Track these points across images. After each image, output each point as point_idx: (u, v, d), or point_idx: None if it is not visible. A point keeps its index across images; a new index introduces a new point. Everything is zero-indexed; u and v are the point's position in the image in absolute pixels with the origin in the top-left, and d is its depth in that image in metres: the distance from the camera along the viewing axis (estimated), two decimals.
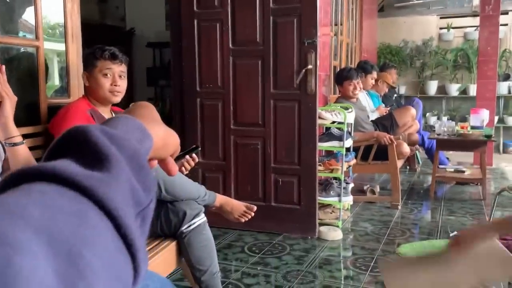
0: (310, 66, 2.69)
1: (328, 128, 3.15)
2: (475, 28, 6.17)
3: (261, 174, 2.90)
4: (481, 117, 4.05)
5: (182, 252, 1.77)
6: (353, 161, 3.39)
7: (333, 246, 2.69)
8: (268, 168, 2.88)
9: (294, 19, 2.70)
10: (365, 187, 3.78)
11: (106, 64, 1.79)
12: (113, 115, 1.84)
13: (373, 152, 3.56)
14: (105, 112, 1.85)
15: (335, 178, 3.09)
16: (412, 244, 2.75)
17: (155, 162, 0.51)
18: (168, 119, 3.36)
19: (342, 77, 3.68)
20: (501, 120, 6.44)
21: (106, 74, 1.79)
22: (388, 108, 4.70)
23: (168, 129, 0.50)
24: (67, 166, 0.31)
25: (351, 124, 3.35)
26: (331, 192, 3.04)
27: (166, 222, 1.76)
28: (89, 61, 1.81)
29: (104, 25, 5.98)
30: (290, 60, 2.76)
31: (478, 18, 5.34)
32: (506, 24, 6.41)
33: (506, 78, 6.41)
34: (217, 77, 2.93)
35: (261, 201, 2.91)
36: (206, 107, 2.99)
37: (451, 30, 6.76)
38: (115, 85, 1.80)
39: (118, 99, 1.84)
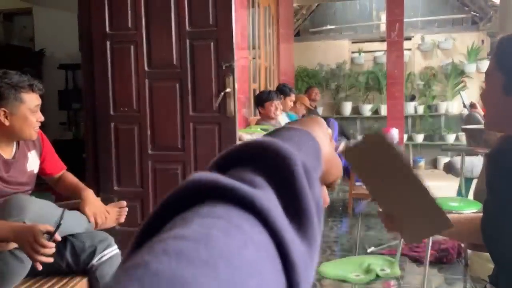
0: (228, 89, 2.69)
1: None
2: (383, 52, 6.65)
3: None
4: (391, 136, 4.31)
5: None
6: None
7: None
8: None
9: (211, 43, 2.70)
10: None
11: (35, 98, 1.59)
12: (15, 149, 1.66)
13: None
14: (4, 149, 1.65)
15: None
16: (332, 262, 2.81)
17: None
18: (82, 145, 3.16)
19: (263, 99, 3.74)
20: (410, 138, 6.94)
21: (35, 111, 1.59)
22: None
23: (333, 152, 0.42)
24: (273, 209, 0.23)
25: None
26: None
27: (73, 257, 1.62)
28: (11, 95, 1.54)
29: (10, 45, 5.57)
30: (208, 83, 2.73)
31: (385, 43, 5.75)
32: (410, 49, 6.99)
33: (412, 98, 6.94)
34: (132, 100, 2.82)
35: None
36: (121, 131, 2.85)
37: (362, 54, 7.22)
38: (38, 121, 1.62)
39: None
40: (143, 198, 2.84)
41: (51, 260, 1.36)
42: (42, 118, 1.63)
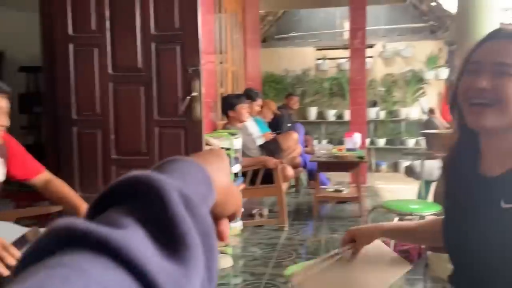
0: (195, 93, 2.68)
1: None
2: (347, 59, 6.81)
3: None
4: (354, 140, 4.42)
5: None
6: (242, 186, 3.43)
7: (222, 274, 2.65)
8: None
9: (176, 47, 2.69)
10: (254, 211, 3.84)
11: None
12: None
13: (260, 176, 3.65)
14: None
15: None
16: (297, 265, 2.84)
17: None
18: (43, 150, 3.07)
19: (234, 103, 3.76)
20: (372, 142, 7.12)
21: None
22: (274, 134, 4.90)
23: (231, 184, 0.42)
24: (134, 244, 0.24)
25: (239, 149, 3.40)
26: None
27: None
28: None
29: None
30: (174, 87, 2.72)
31: (348, 51, 5.89)
32: (372, 56, 7.19)
33: (374, 104, 7.14)
34: (95, 104, 2.77)
35: None
36: (84, 136, 2.79)
37: (326, 61, 7.37)
38: (2, 125, 1.54)
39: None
40: None
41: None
42: (5, 123, 1.54)
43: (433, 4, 6.56)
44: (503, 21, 6.16)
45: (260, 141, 4.52)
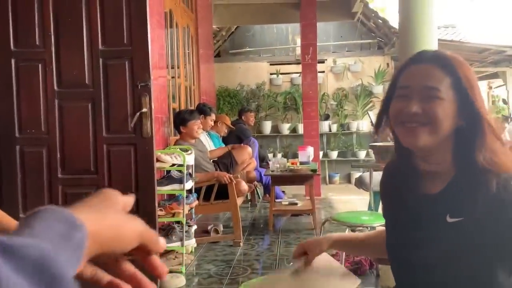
0: (144, 109, 2.63)
1: (168, 171, 3.11)
2: (299, 74, 6.95)
3: None
4: (307, 153, 4.49)
5: None
6: (195, 203, 3.38)
7: None
8: None
9: (125, 62, 2.64)
10: (209, 227, 3.80)
11: None
12: None
13: (214, 192, 3.62)
14: None
15: (177, 222, 3.03)
16: (251, 281, 2.82)
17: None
18: None
19: (185, 119, 3.72)
20: (325, 155, 7.27)
21: None
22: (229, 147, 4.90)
23: (125, 218, 0.41)
24: None
25: (192, 165, 3.36)
26: (174, 237, 2.96)
27: None
28: None
29: None
30: (123, 103, 2.66)
31: (301, 65, 6.02)
32: (323, 71, 7.39)
33: (326, 118, 7.31)
34: (40, 121, 2.66)
35: None
36: (28, 154, 2.67)
37: (280, 75, 7.49)
38: None
39: None
40: None
41: None
42: None
43: (380, 21, 6.85)
44: (441, 38, 6.53)
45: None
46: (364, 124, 7.24)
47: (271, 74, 7.58)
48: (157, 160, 2.88)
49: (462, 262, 0.88)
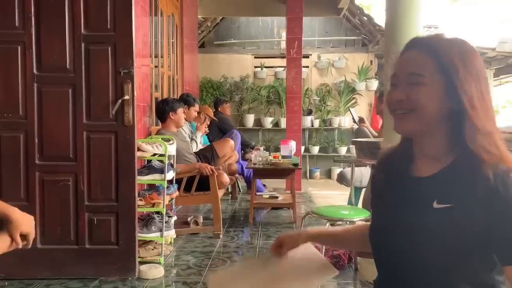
0: (126, 97, 2.58)
1: (149, 161, 3.06)
2: (283, 68, 6.94)
3: (73, 214, 2.62)
4: (289, 148, 4.50)
5: None
6: (176, 194, 3.35)
7: (154, 285, 2.57)
8: (81, 206, 2.62)
9: (108, 48, 2.58)
10: (189, 219, 3.77)
11: None
12: None
13: (195, 183, 3.59)
14: None
15: (157, 213, 3.00)
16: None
17: None
18: None
19: (175, 105, 3.68)
20: (307, 150, 7.30)
21: None
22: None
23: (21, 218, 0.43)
24: None
25: (173, 156, 3.32)
26: (153, 227, 2.93)
27: None
28: None
29: None
30: (105, 89, 2.60)
31: (285, 60, 6.01)
32: (308, 66, 7.40)
33: (309, 113, 7.34)
34: (18, 105, 2.58)
35: (74, 244, 2.62)
36: (4, 139, 2.59)
37: (264, 69, 7.47)
38: None
39: None
40: (29, 213, 2.59)
41: None
42: None
43: (365, 18, 6.89)
44: None
45: (196, 148, 4.47)
46: (346, 120, 7.29)
47: (255, 67, 7.55)
48: (138, 149, 2.84)
49: (444, 250, 0.87)
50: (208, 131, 4.97)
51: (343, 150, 7.26)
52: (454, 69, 0.89)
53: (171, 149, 3.16)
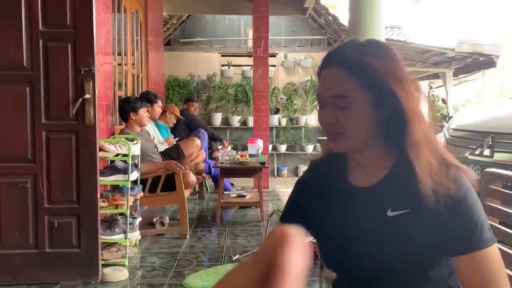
0: (87, 95, 2.51)
1: (112, 161, 2.99)
2: (250, 67, 6.94)
3: (32, 217, 2.52)
4: (256, 146, 4.50)
5: None
6: (140, 194, 3.29)
7: None
8: (41, 209, 2.53)
9: (68, 45, 2.50)
10: (154, 220, 3.71)
11: None
12: None
13: (161, 183, 3.53)
14: None
15: (121, 214, 2.93)
16: (197, 273, 2.79)
17: None
18: None
19: (136, 105, 3.60)
20: (274, 148, 7.33)
21: None
22: (177, 139, 4.80)
23: None
24: None
25: (137, 156, 3.26)
26: (117, 229, 2.86)
27: None
28: None
29: None
30: (65, 88, 2.52)
31: (252, 58, 6.00)
32: (275, 65, 7.43)
33: (276, 111, 7.37)
34: None
35: (33, 248, 2.53)
36: None
37: (231, 67, 7.44)
38: None
39: None
40: None
41: None
42: None
43: (330, 18, 6.97)
44: (388, 38, 6.75)
45: (163, 147, 4.39)
46: (312, 119, 7.37)
47: (222, 65, 7.51)
48: (101, 150, 2.76)
49: (402, 254, 0.87)
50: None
51: (309, 148, 7.33)
52: (377, 81, 0.86)
53: (135, 149, 3.10)
